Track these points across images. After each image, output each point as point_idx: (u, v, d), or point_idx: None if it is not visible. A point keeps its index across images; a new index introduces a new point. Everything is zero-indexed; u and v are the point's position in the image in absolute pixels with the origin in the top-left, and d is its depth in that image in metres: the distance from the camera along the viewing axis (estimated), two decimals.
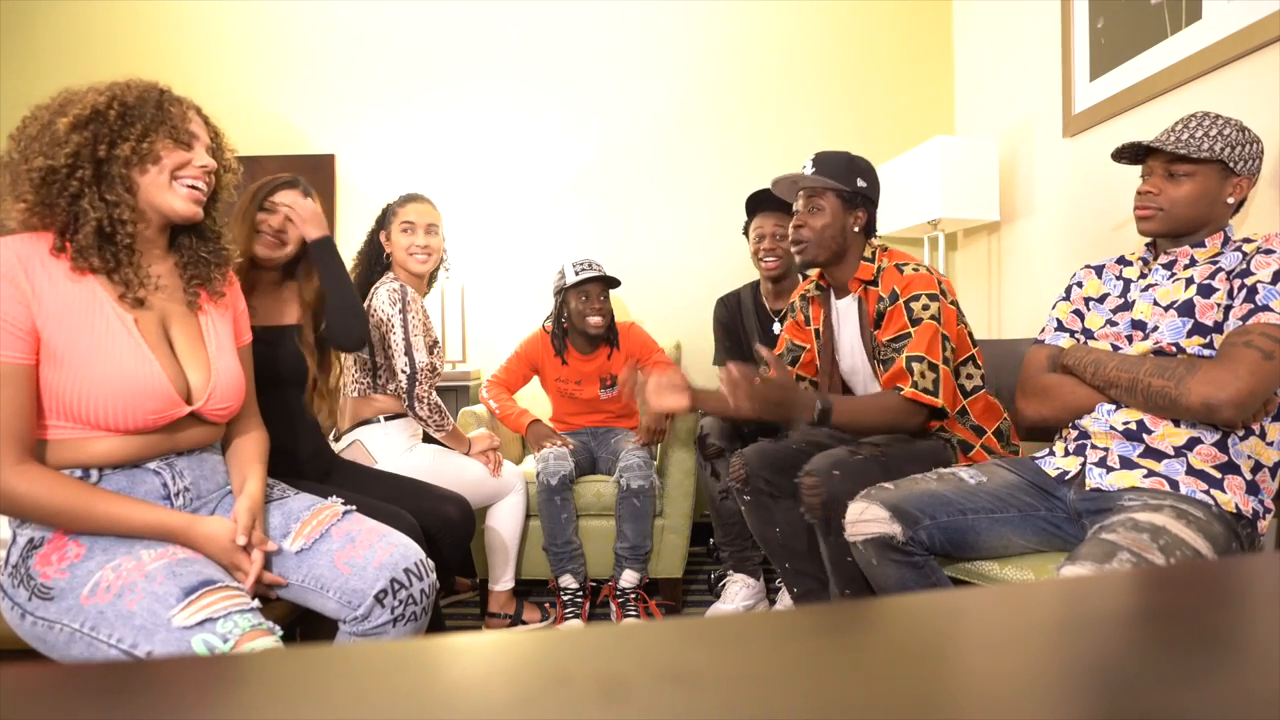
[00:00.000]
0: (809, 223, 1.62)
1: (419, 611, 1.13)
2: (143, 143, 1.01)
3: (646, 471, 2.08)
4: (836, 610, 0.33)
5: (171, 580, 0.93)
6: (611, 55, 2.85)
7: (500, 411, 2.28)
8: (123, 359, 0.99)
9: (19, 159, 0.99)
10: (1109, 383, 1.26)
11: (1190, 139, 1.23)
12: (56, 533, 0.98)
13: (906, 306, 1.51)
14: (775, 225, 2.18)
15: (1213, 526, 1.09)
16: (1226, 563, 0.47)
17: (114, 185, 1.00)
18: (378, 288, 1.88)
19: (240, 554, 1.03)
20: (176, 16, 2.84)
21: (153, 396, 1.00)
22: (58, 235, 1.00)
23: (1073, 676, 0.26)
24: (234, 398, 1.12)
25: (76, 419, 0.97)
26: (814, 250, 1.62)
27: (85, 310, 0.98)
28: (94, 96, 1.02)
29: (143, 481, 1.04)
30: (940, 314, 1.50)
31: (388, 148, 2.86)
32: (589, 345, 2.33)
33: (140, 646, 0.89)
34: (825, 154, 1.66)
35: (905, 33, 2.83)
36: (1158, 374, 1.18)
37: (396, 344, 1.82)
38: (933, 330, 1.48)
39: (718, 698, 0.24)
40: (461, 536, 1.60)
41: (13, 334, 0.93)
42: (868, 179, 1.65)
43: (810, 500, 1.45)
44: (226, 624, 0.91)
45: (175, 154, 1.05)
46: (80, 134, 0.99)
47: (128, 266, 1.03)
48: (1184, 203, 1.24)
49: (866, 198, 1.64)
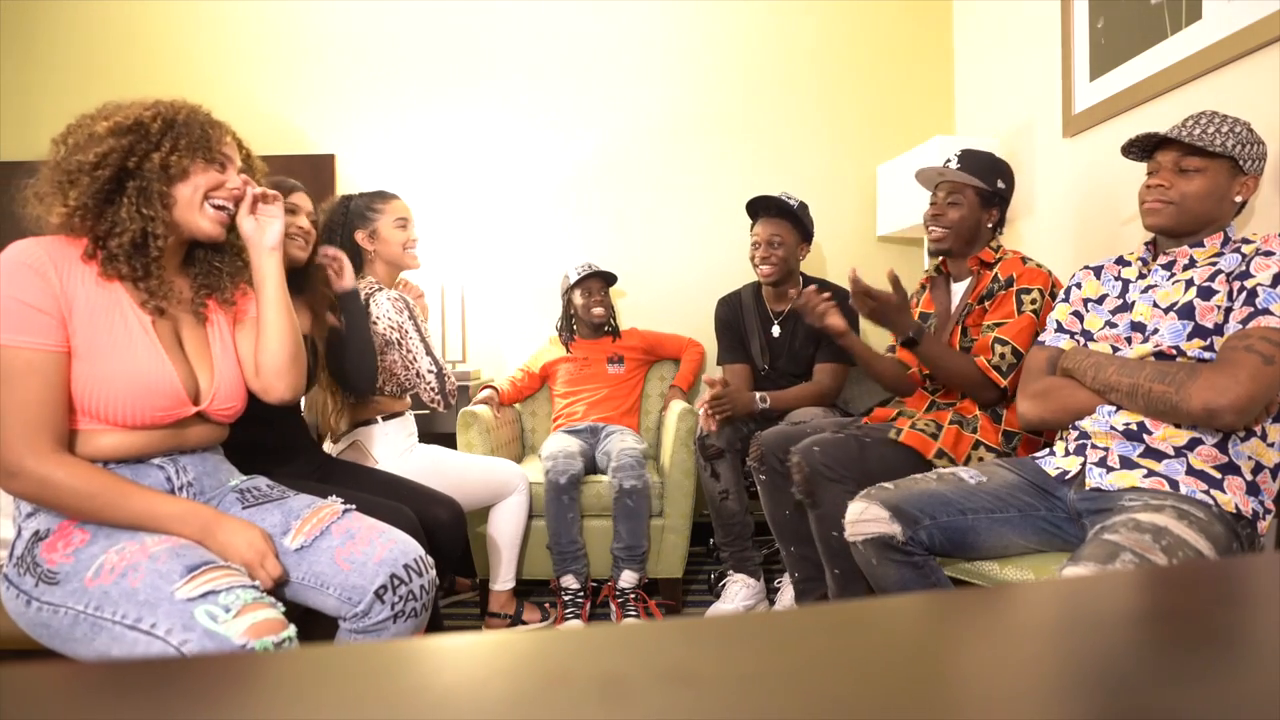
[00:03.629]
0: (947, 213, 1.70)
1: (419, 608, 1.13)
2: (173, 155, 1.04)
3: (639, 471, 2.08)
4: (836, 610, 0.33)
5: (175, 559, 0.95)
6: (611, 56, 2.85)
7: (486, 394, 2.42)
8: (138, 358, 1.02)
9: (61, 160, 1.02)
10: (1109, 387, 1.25)
11: (1204, 133, 1.23)
12: (63, 522, 1.00)
13: (1018, 296, 1.59)
14: (771, 233, 2.18)
15: (1214, 527, 1.09)
16: (1226, 563, 0.47)
17: (152, 200, 1.03)
18: (373, 295, 1.87)
19: (266, 546, 1.05)
20: (177, 17, 2.84)
21: (163, 395, 1.03)
22: (91, 241, 1.03)
23: (1073, 676, 0.26)
24: (236, 399, 1.15)
25: (88, 413, 1.00)
26: (950, 240, 1.70)
27: (107, 311, 1.02)
28: (139, 109, 1.05)
29: (146, 475, 1.06)
30: (1040, 311, 1.58)
31: (388, 148, 2.86)
32: (594, 333, 2.58)
33: (144, 620, 0.90)
34: (971, 151, 1.74)
35: (905, 33, 2.83)
36: (1158, 379, 1.17)
37: (415, 348, 1.83)
38: (1029, 322, 1.57)
39: (718, 698, 0.24)
40: (453, 538, 1.60)
41: (48, 323, 0.96)
42: (1007, 181, 1.74)
43: (797, 476, 1.58)
44: (229, 596, 0.92)
45: (208, 173, 1.08)
46: (118, 139, 1.02)
47: (154, 277, 1.06)
48: (1194, 197, 1.24)
49: (1003, 198, 1.73)
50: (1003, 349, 1.55)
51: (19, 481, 0.95)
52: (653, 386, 2.67)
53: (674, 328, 2.77)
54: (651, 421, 2.63)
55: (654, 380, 2.67)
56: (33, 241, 0.99)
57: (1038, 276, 1.60)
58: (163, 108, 1.07)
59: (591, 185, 2.87)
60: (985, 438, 1.58)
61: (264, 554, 1.04)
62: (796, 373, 2.25)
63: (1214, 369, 1.12)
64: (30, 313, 0.95)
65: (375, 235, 1.94)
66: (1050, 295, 1.59)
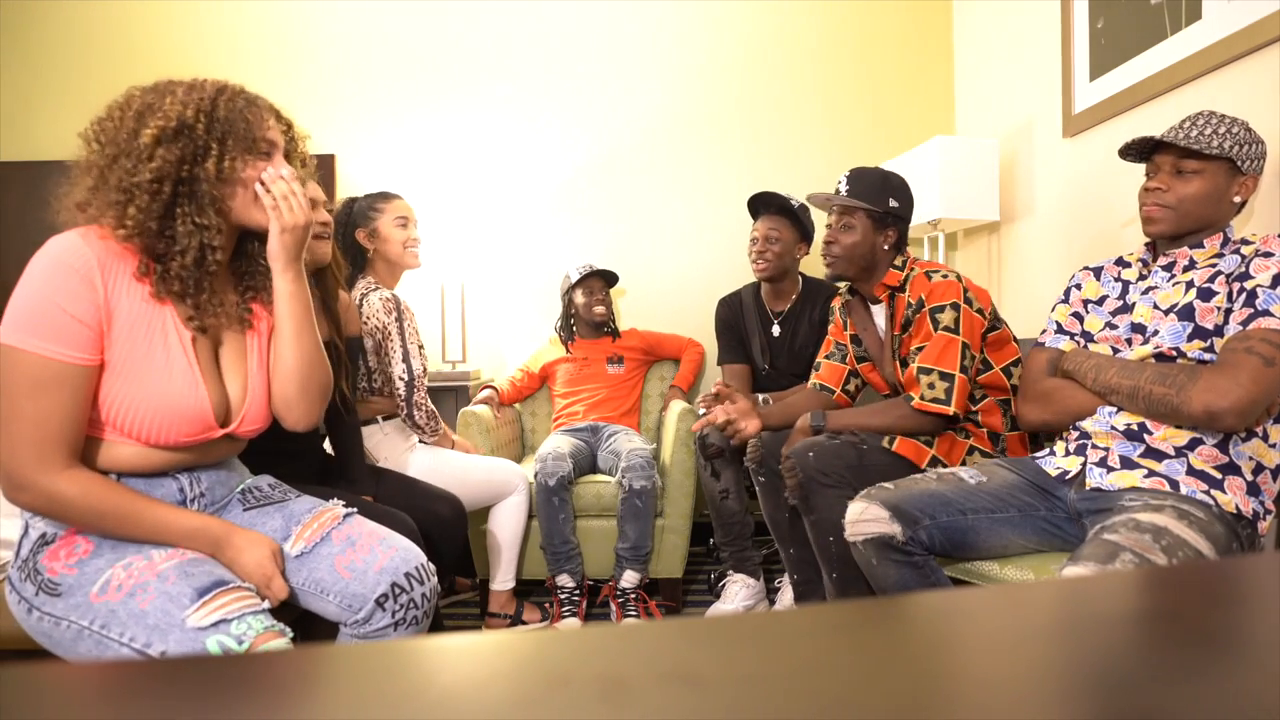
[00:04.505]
0: (840, 239, 1.68)
1: (420, 615, 1.13)
2: (224, 160, 0.99)
3: (649, 472, 2.08)
4: (836, 610, 0.33)
5: (184, 580, 0.93)
6: (612, 56, 2.85)
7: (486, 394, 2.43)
8: (174, 380, 0.98)
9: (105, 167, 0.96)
10: (1110, 389, 1.25)
11: (1200, 135, 1.22)
12: (69, 529, 0.98)
13: (931, 316, 1.55)
14: (768, 229, 2.19)
15: (1214, 527, 1.09)
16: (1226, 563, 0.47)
17: (206, 209, 0.98)
18: (366, 294, 1.87)
19: (274, 567, 1.03)
20: (177, 17, 2.84)
21: (192, 420, 1.00)
22: (145, 257, 0.98)
23: (1073, 676, 0.26)
24: (263, 419, 1.11)
25: (112, 425, 0.97)
26: (842, 265, 1.69)
27: (148, 326, 0.98)
28: (176, 106, 0.98)
29: (160, 486, 1.03)
30: (960, 323, 1.53)
31: (388, 148, 2.86)
32: (594, 333, 2.58)
33: (154, 645, 0.89)
34: (859, 171, 1.70)
35: (905, 33, 2.83)
36: (1159, 381, 1.17)
37: (394, 351, 1.83)
38: (946, 341, 1.52)
39: (718, 698, 0.24)
40: (455, 535, 1.60)
41: (82, 333, 0.92)
42: (901, 198, 1.69)
43: (790, 481, 1.54)
44: (241, 625, 0.91)
45: (258, 166, 1.03)
46: (168, 149, 0.96)
47: (205, 292, 1.01)
48: (1192, 200, 1.24)
49: (898, 216, 1.68)
50: (929, 377, 1.52)
51: (28, 495, 0.92)
52: (653, 386, 2.67)
53: (674, 328, 2.77)
54: (651, 421, 2.63)
55: (654, 380, 2.67)
56: (79, 239, 0.93)
57: (947, 290, 1.55)
58: (200, 99, 0.99)
59: (591, 185, 2.87)
60: (978, 443, 1.59)
61: (270, 577, 1.01)
62: (796, 372, 2.25)
63: (1214, 371, 1.12)
64: (69, 322, 0.91)
65: (375, 234, 1.93)
66: (966, 302, 1.54)
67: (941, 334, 1.53)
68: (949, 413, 1.51)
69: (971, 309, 1.55)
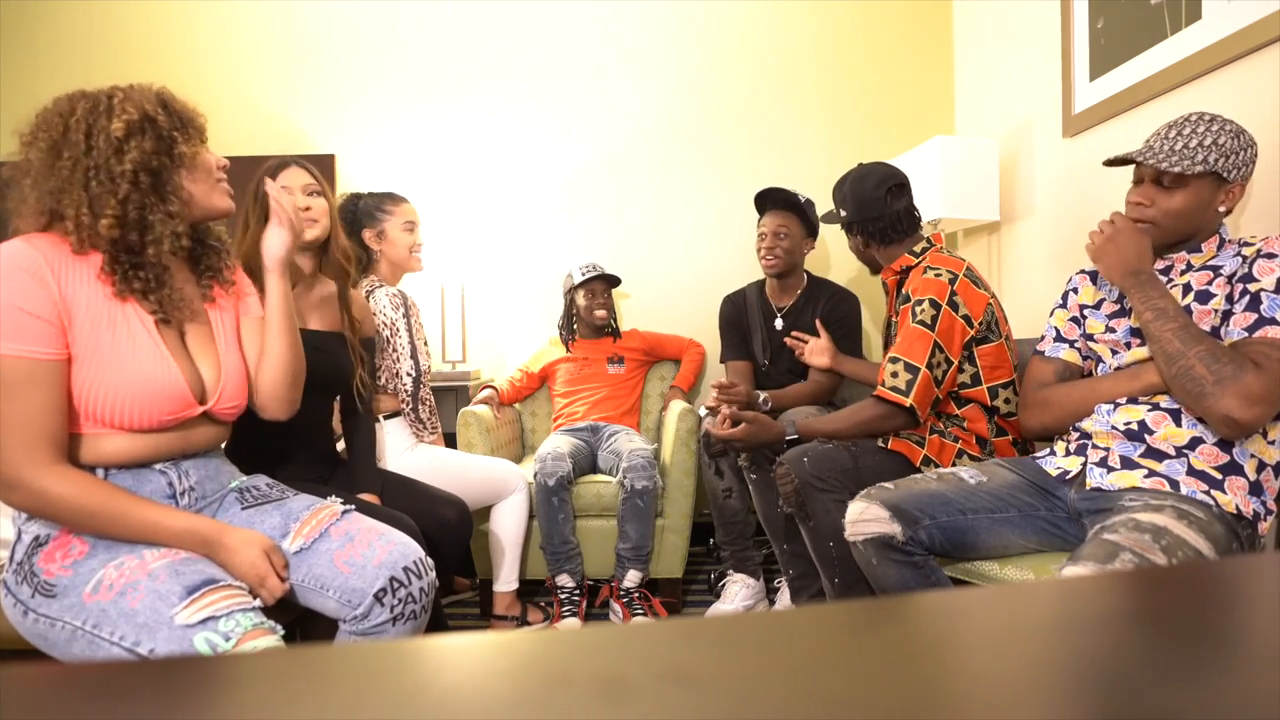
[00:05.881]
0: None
1: (418, 610, 1.13)
2: (186, 146, 1.03)
3: (651, 472, 2.09)
4: (837, 610, 0.33)
5: (174, 579, 0.93)
6: (612, 56, 2.85)
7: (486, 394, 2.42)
8: (143, 361, 1.00)
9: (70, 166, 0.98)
10: (1157, 339, 1.16)
11: (1184, 149, 1.19)
12: (62, 530, 0.98)
13: (912, 310, 1.55)
14: (778, 225, 2.21)
15: (1214, 527, 1.09)
16: (1226, 563, 0.47)
17: (169, 197, 1.02)
18: (372, 292, 1.88)
19: (268, 566, 1.03)
20: (177, 17, 2.84)
21: (169, 398, 1.01)
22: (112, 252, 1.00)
23: (1073, 677, 0.26)
24: (241, 397, 1.13)
25: (92, 417, 0.98)
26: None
27: (109, 313, 0.99)
28: (132, 102, 1.01)
29: (148, 481, 1.04)
30: (937, 321, 1.51)
31: (388, 148, 2.86)
32: (594, 334, 2.57)
33: (143, 644, 0.89)
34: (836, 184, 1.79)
35: (905, 33, 2.83)
36: (1208, 361, 1.10)
37: (401, 348, 1.83)
38: (918, 334, 1.51)
39: (718, 698, 0.24)
40: (459, 539, 1.60)
41: (44, 329, 0.93)
42: (848, 205, 1.73)
43: (784, 489, 1.53)
44: (229, 622, 0.91)
45: (211, 153, 1.08)
46: (140, 140, 0.99)
47: (166, 286, 1.04)
48: (1175, 214, 1.22)
49: (858, 219, 1.71)
50: (894, 366, 1.51)
51: (18, 495, 0.93)
52: (653, 387, 2.67)
53: (674, 328, 2.77)
54: (651, 421, 2.63)
55: (654, 380, 2.67)
56: (23, 244, 0.95)
57: (931, 286, 1.54)
58: (146, 94, 1.04)
59: (592, 185, 2.87)
60: (966, 447, 1.58)
61: (264, 575, 1.01)
62: (797, 370, 2.25)
63: (1258, 376, 1.07)
64: (29, 320, 0.92)
65: (383, 236, 1.95)
66: (951, 305, 1.52)
67: (916, 326, 1.52)
68: (906, 404, 1.48)
69: (955, 312, 1.53)
